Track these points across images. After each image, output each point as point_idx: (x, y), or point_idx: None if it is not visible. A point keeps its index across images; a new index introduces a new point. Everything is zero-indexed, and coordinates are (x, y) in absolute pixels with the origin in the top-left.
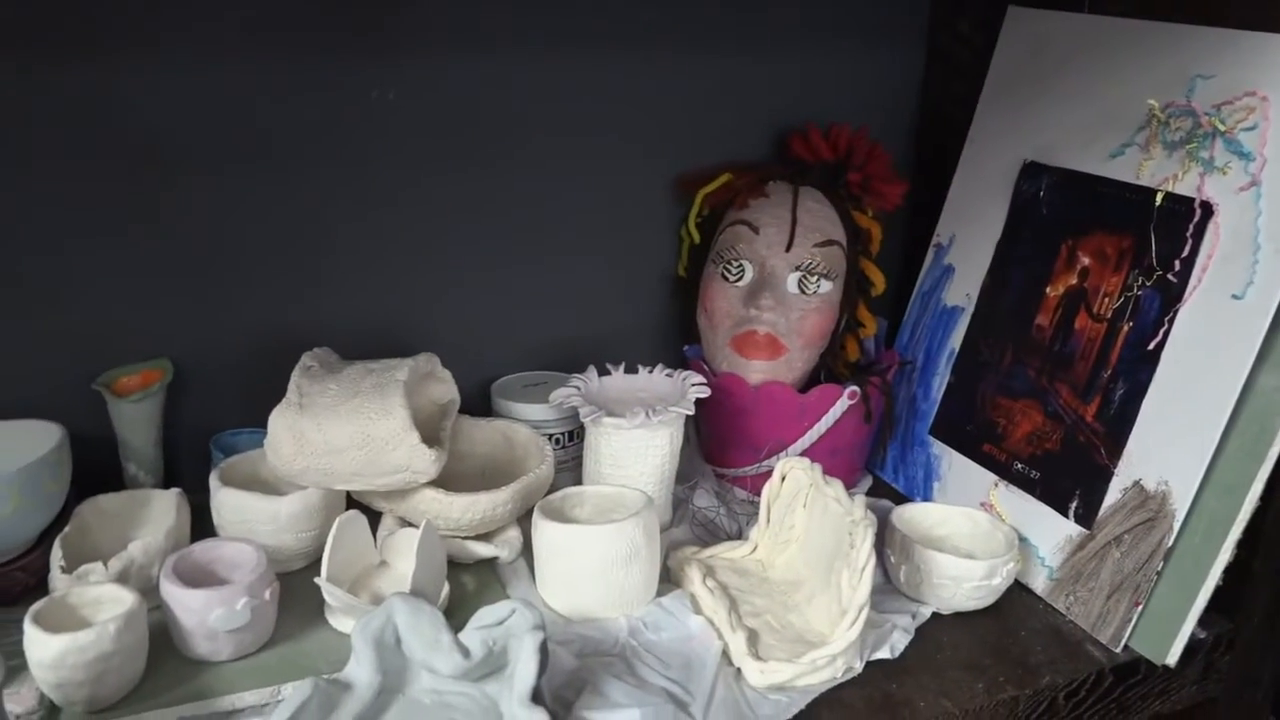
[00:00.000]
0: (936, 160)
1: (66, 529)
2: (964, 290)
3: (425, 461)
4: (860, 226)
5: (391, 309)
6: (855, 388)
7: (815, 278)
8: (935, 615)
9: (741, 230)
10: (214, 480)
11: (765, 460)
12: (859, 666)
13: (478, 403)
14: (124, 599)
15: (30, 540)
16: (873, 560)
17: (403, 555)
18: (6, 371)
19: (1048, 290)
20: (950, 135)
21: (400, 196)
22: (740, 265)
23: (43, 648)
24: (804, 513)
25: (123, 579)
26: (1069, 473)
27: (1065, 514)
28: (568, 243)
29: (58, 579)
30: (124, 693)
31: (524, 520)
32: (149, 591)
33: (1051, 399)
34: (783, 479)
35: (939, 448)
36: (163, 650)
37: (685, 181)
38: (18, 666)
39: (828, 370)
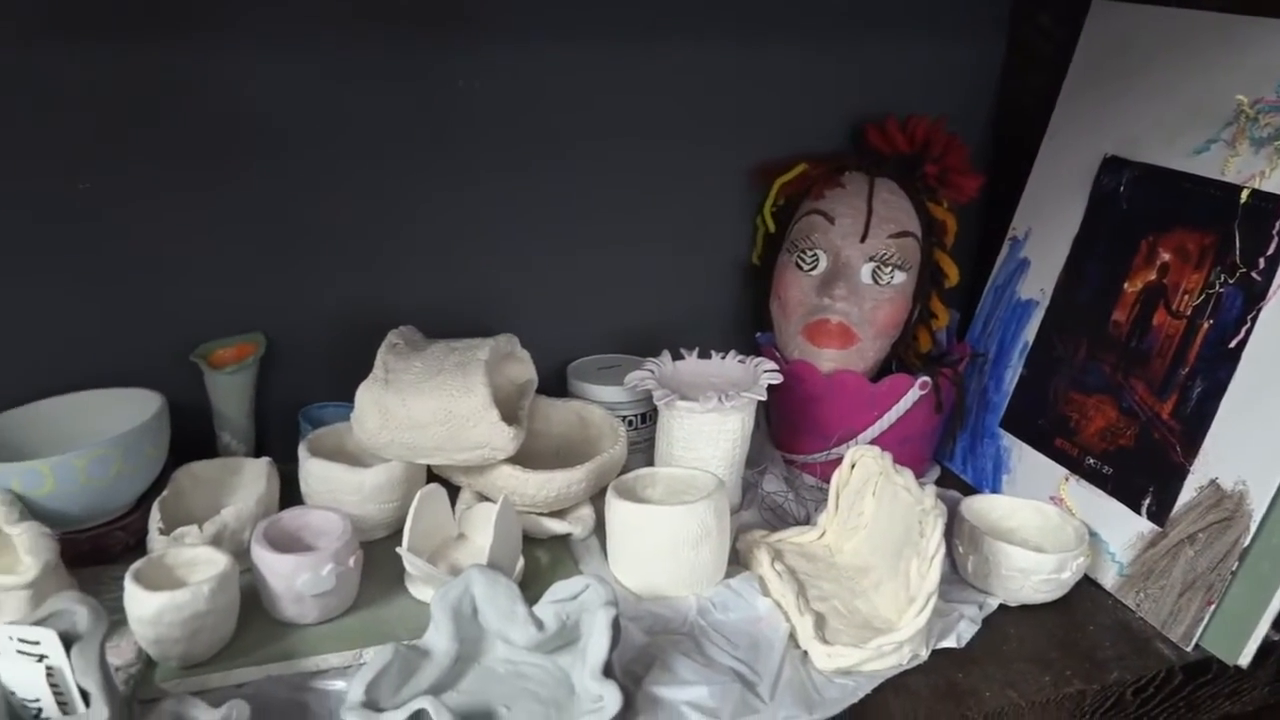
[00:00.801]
0: (1013, 153)
1: (164, 493)
2: (1039, 284)
3: (504, 439)
4: (935, 218)
5: (472, 290)
6: (927, 378)
7: (889, 268)
8: (1002, 607)
9: (817, 220)
10: (303, 451)
11: (835, 448)
12: (925, 654)
13: (553, 383)
14: (218, 561)
15: (130, 502)
16: (942, 549)
17: (480, 528)
18: (111, 343)
19: (1125, 286)
20: (1028, 128)
21: (483, 181)
22: (815, 254)
23: (142, 604)
24: (873, 500)
25: (216, 542)
26: (1143, 469)
27: (1138, 510)
28: (645, 229)
29: (155, 540)
30: (215, 650)
31: (596, 499)
32: (240, 555)
33: (1126, 395)
34: (852, 466)
35: (1009, 440)
36: (252, 611)
37: (762, 171)
38: (118, 621)
39: (899, 360)
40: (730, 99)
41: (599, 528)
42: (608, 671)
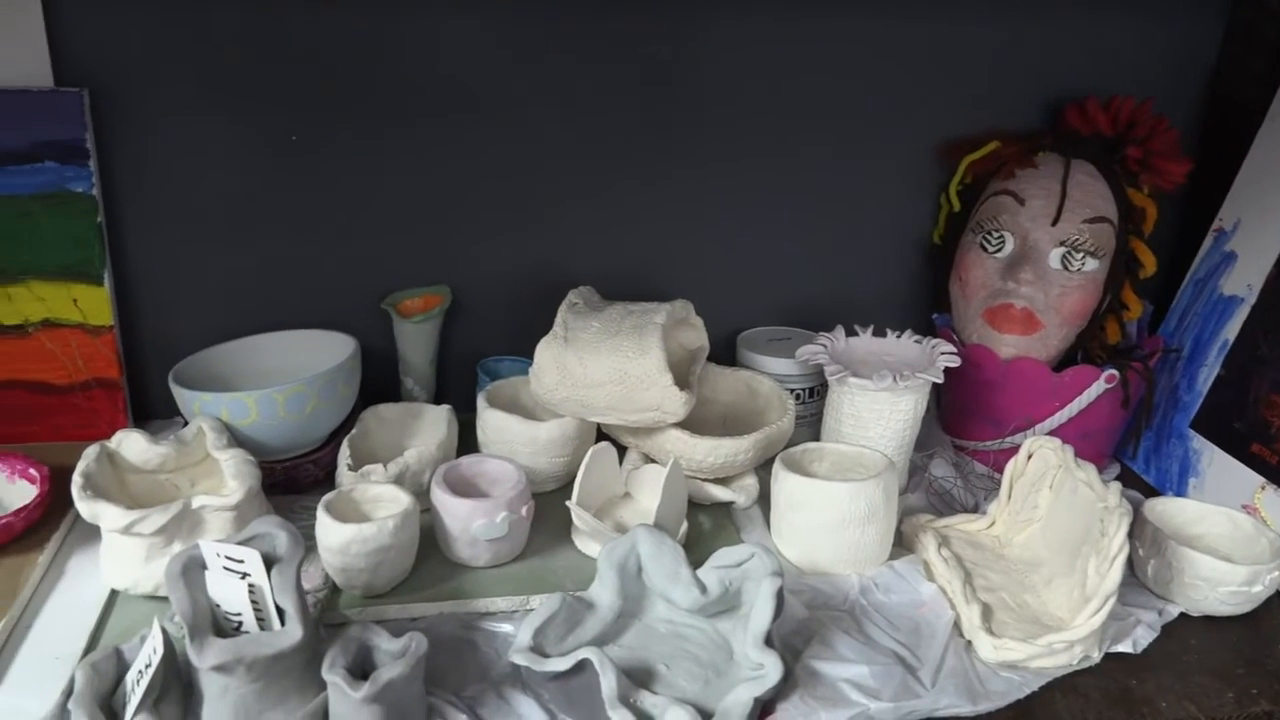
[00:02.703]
0: (1224, 140)
1: (353, 431)
2: (1245, 280)
3: (676, 403)
4: (1134, 204)
5: (647, 256)
6: (1114, 371)
7: (1081, 254)
8: (1183, 615)
9: (1006, 200)
10: (481, 401)
11: (1009, 436)
12: (1097, 656)
13: (723, 352)
14: (401, 499)
15: (322, 438)
16: (1125, 550)
17: (646, 489)
18: (311, 288)
19: None
20: (1242, 114)
21: (665, 150)
22: (1001, 236)
23: (332, 534)
24: (1049, 494)
25: (398, 481)
26: None
27: None
28: (824, 202)
29: (344, 475)
30: (394, 584)
31: (760, 469)
32: (419, 495)
33: None
34: (1029, 457)
35: (1199, 443)
36: (427, 550)
37: (950, 148)
38: (308, 548)
39: (1084, 351)
40: (918, 73)
41: (762, 498)
42: (769, 641)
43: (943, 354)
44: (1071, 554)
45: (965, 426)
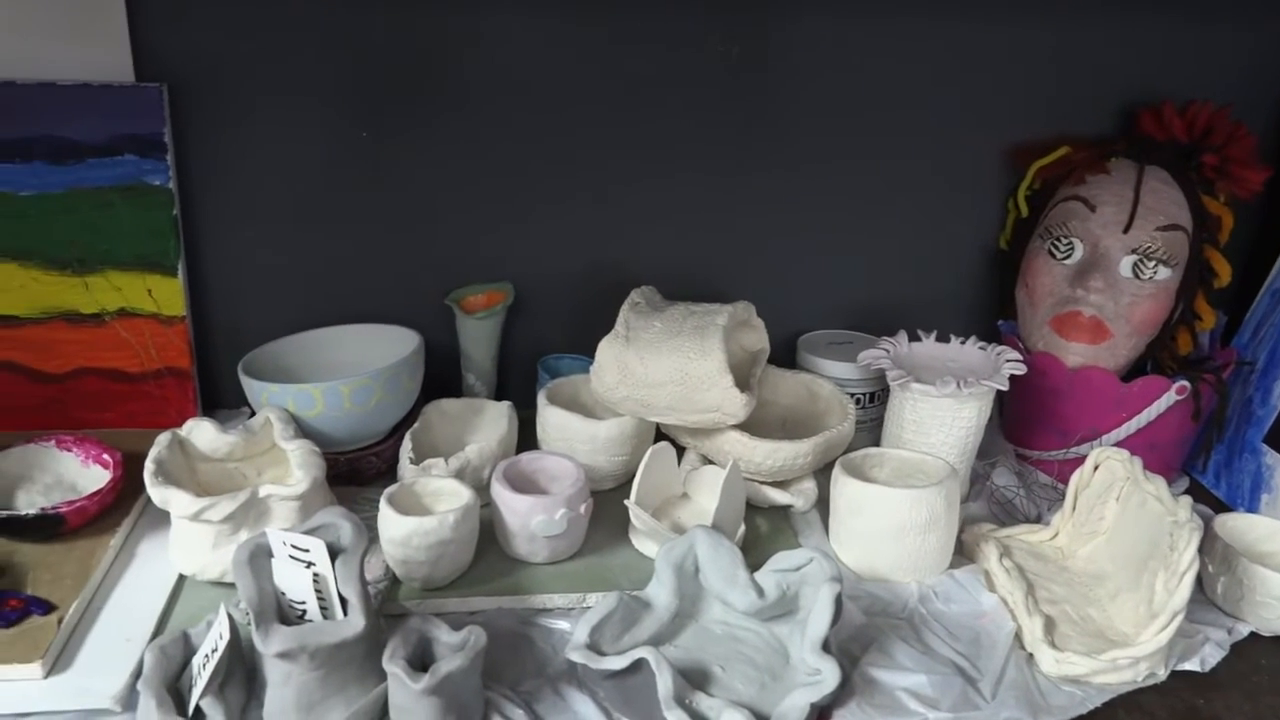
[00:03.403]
0: None
1: (415, 425)
2: None
3: (736, 404)
4: (1210, 213)
5: (711, 255)
6: (1185, 383)
7: (1153, 263)
8: (1253, 635)
9: (1076, 206)
10: (542, 398)
11: (1075, 447)
12: (1163, 674)
13: (782, 354)
14: (462, 494)
15: (385, 431)
16: (1195, 566)
17: (705, 490)
18: (376, 283)
19: None
20: None
21: (730, 150)
22: (1070, 243)
23: (394, 526)
24: (1116, 506)
25: (459, 475)
26: None
27: None
28: (888, 204)
29: (406, 468)
30: (453, 577)
31: (818, 473)
32: (478, 490)
33: None
34: (1095, 468)
35: (1273, 458)
36: (486, 545)
37: (1019, 152)
38: (370, 540)
39: (1154, 361)
40: (987, 76)
41: (820, 502)
42: (826, 647)
43: (1008, 361)
44: (1138, 568)
45: (1029, 435)
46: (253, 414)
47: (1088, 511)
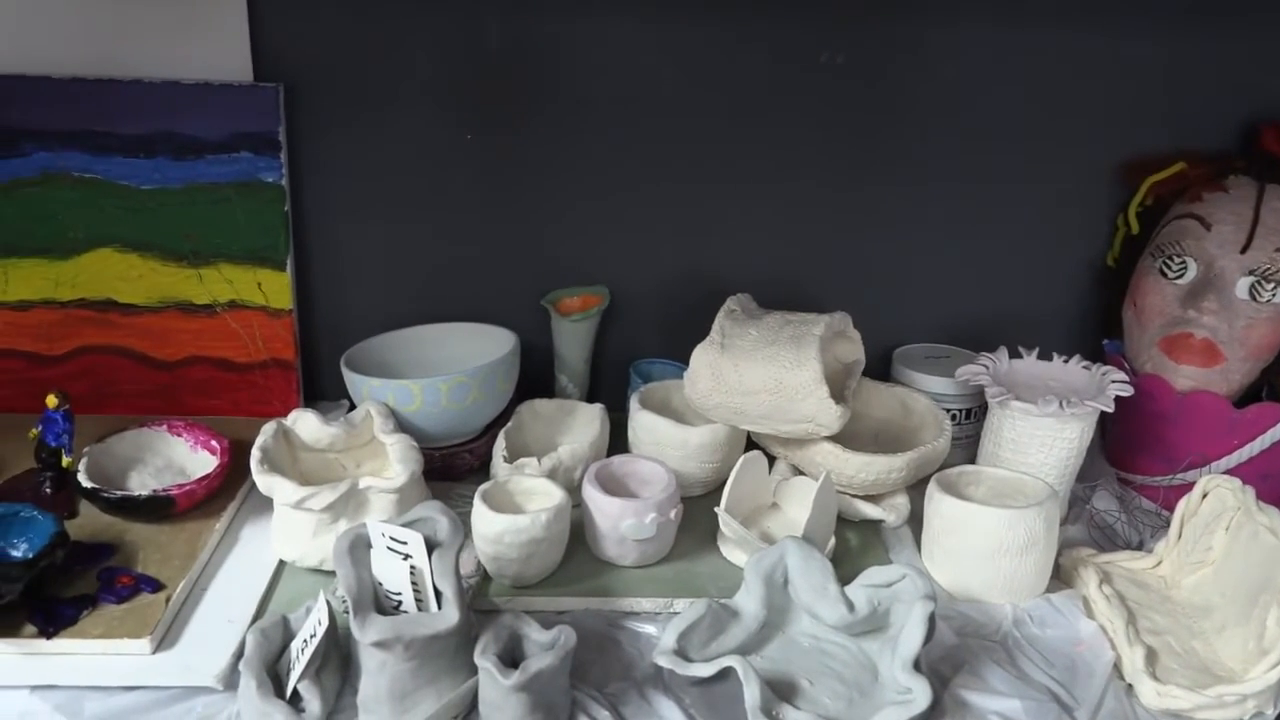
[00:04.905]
0: None
1: (509, 424)
2: None
3: (830, 416)
4: None
5: (807, 264)
6: None
7: (1272, 285)
8: None
9: (1190, 225)
10: (634, 402)
11: (1182, 473)
12: (1271, 713)
13: (877, 367)
14: (554, 494)
15: (479, 429)
16: None
17: (795, 501)
18: (475, 283)
19: None
20: None
21: (830, 160)
22: (1183, 262)
23: (488, 523)
24: (1225, 536)
25: (551, 475)
26: None
27: None
28: (991, 217)
29: (500, 466)
30: (543, 577)
31: (911, 488)
32: (569, 491)
33: None
34: (1204, 496)
35: None
36: (576, 546)
37: (1132, 167)
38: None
39: (1270, 387)
40: (1099, 88)
41: (912, 518)
42: (918, 666)
43: (1114, 382)
44: (1248, 602)
45: (1133, 459)
46: (351, 406)
47: (1194, 541)
